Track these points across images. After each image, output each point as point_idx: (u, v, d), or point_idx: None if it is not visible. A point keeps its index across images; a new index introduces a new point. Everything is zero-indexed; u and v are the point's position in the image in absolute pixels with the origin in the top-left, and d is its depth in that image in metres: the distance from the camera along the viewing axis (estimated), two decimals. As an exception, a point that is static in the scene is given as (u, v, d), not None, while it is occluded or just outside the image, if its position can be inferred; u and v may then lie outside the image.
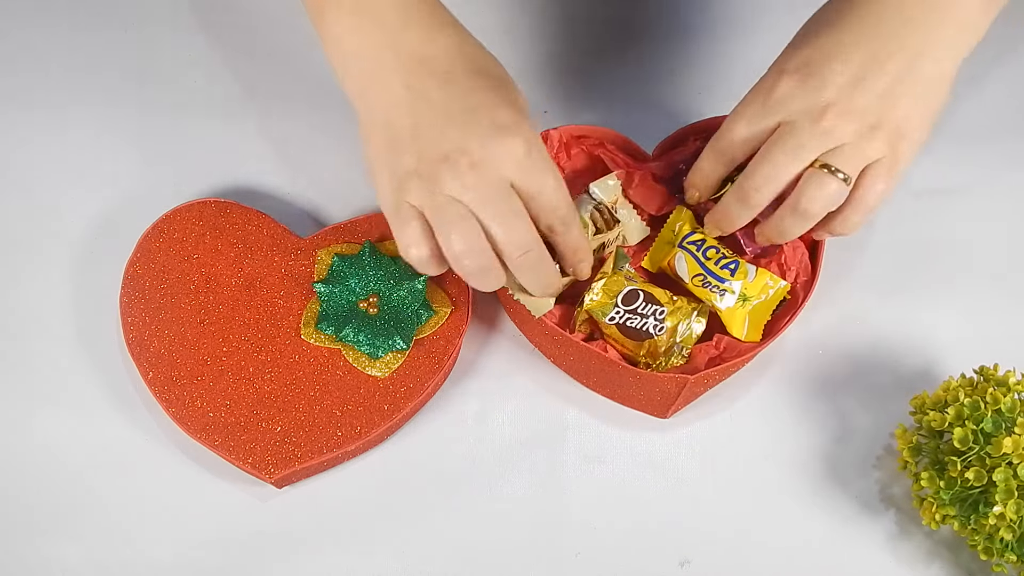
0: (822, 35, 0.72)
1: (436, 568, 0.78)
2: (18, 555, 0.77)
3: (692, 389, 0.78)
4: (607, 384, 0.81)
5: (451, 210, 0.67)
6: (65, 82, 0.92)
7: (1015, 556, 0.73)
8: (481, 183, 0.67)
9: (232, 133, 0.91)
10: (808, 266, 0.80)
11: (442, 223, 0.68)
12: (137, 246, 0.83)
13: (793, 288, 0.80)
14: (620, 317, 0.77)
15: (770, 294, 0.79)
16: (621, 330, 0.77)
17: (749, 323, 0.79)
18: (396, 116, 0.69)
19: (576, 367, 0.82)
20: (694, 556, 0.78)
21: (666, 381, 0.76)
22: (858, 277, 0.87)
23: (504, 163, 0.68)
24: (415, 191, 0.68)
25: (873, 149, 0.70)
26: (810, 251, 0.81)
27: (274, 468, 0.76)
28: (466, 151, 0.67)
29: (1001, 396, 0.73)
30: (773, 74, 0.73)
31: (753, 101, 0.73)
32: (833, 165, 0.70)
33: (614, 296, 0.78)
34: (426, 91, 0.69)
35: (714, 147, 0.75)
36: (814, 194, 0.71)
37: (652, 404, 0.80)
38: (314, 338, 0.80)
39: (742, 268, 0.79)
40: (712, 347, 0.78)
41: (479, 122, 0.68)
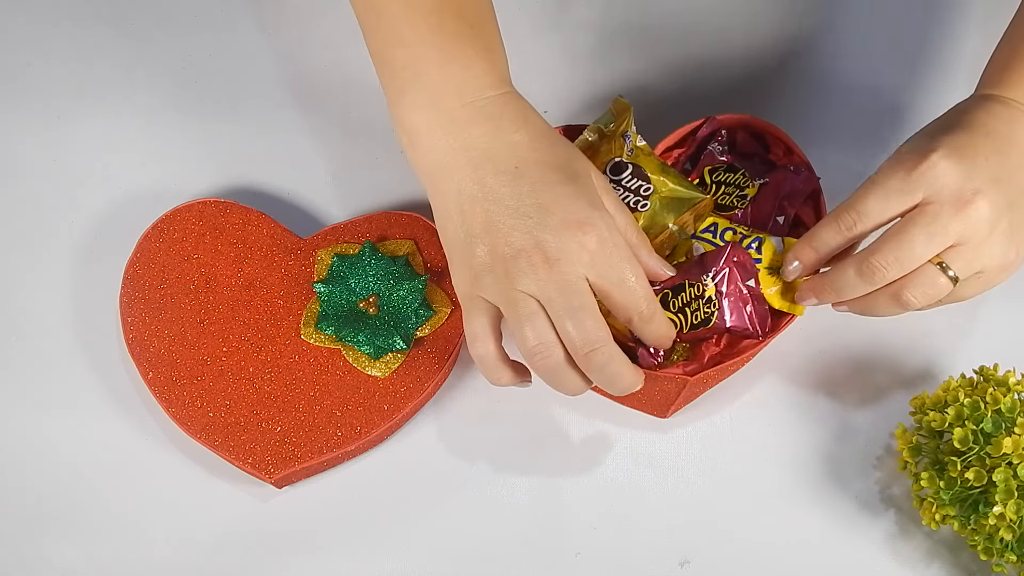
0: (977, 122, 0.71)
1: (436, 568, 0.78)
2: (18, 555, 0.77)
3: (692, 389, 0.78)
4: None
5: (525, 306, 0.68)
6: (65, 82, 0.92)
7: (1015, 556, 0.72)
8: (554, 278, 0.67)
9: (232, 133, 0.91)
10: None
11: (515, 318, 0.68)
12: (137, 246, 0.83)
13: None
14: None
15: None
16: None
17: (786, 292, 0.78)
18: (469, 209, 0.69)
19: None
20: (694, 556, 0.78)
21: (666, 380, 0.76)
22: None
23: (577, 259, 0.68)
24: (489, 286, 0.69)
25: (990, 257, 0.70)
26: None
27: (274, 468, 0.76)
28: (540, 247, 0.67)
29: (1001, 396, 0.73)
30: (918, 149, 0.70)
31: (893, 175, 0.70)
32: (946, 263, 0.70)
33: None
34: (496, 188, 0.69)
35: (839, 219, 0.72)
36: (925, 290, 0.70)
37: (652, 403, 0.80)
38: (314, 338, 0.80)
39: (767, 244, 0.78)
40: (713, 344, 0.78)
41: (551, 218, 0.68)
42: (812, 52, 0.95)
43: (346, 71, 0.93)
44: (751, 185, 0.81)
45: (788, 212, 0.81)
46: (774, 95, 0.93)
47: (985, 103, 0.73)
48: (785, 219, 0.81)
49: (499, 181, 0.69)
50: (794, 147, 0.83)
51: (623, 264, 0.69)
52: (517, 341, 0.69)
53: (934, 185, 0.69)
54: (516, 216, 0.68)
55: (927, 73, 0.94)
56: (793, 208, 0.81)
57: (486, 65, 0.72)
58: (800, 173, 0.81)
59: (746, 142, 0.85)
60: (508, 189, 0.69)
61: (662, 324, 0.72)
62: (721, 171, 0.82)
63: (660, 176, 0.78)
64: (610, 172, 0.78)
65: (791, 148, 0.83)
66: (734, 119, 0.85)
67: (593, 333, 0.68)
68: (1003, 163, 0.70)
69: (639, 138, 0.80)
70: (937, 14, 0.96)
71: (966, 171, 0.69)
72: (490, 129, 0.70)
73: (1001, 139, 0.70)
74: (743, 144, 0.85)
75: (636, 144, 0.80)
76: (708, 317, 0.75)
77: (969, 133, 0.70)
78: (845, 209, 0.72)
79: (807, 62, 0.95)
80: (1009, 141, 0.71)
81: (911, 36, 0.95)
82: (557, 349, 0.69)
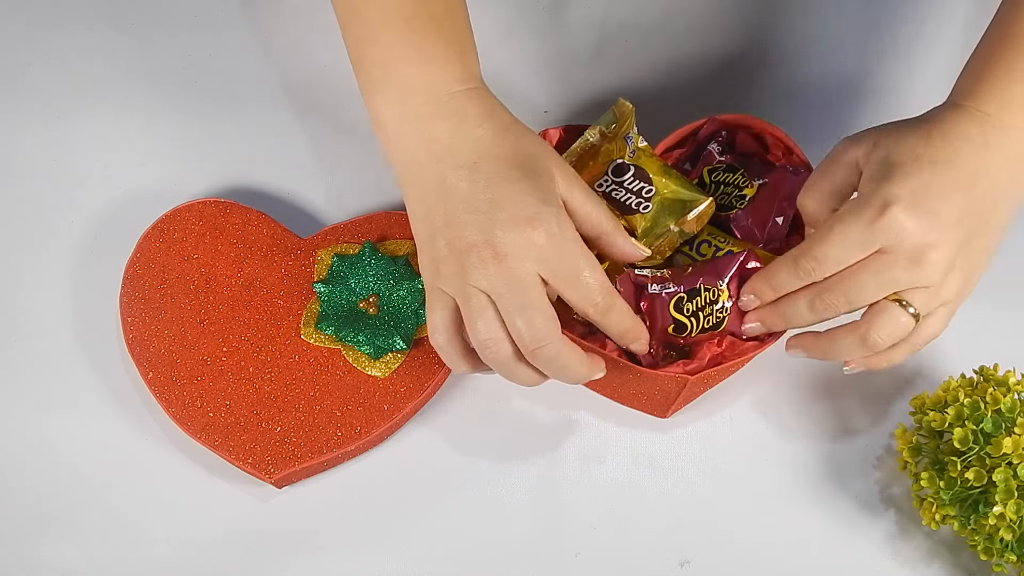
0: (935, 168, 0.70)
1: (436, 568, 0.77)
2: (18, 555, 0.77)
3: (692, 389, 0.78)
4: (607, 383, 0.81)
5: (476, 300, 0.69)
6: (65, 82, 0.92)
7: (1015, 556, 0.73)
8: (503, 274, 0.68)
9: (232, 133, 0.91)
10: None
11: (468, 312, 0.69)
12: (137, 246, 0.83)
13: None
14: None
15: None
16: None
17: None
18: (432, 203, 0.71)
19: None
20: (694, 556, 0.78)
21: (666, 380, 0.76)
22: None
23: (526, 254, 0.68)
24: (447, 278, 0.70)
25: (946, 293, 0.71)
26: None
27: (274, 468, 0.76)
28: (489, 242, 0.68)
29: (1001, 396, 0.74)
30: (879, 200, 0.69)
31: (854, 225, 0.69)
32: (906, 300, 0.70)
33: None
34: (455, 183, 0.70)
35: (797, 264, 0.72)
36: (887, 328, 0.70)
37: (652, 403, 0.80)
38: (314, 338, 0.80)
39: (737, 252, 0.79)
40: (715, 345, 0.78)
41: (501, 213, 0.68)
42: (813, 52, 0.95)
43: (346, 71, 0.93)
44: (750, 185, 0.81)
45: (787, 212, 0.81)
46: (774, 95, 0.93)
47: (958, 119, 0.72)
48: (784, 219, 0.81)
49: (457, 176, 0.70)
50: (794, 147, 0.83)
51: (574, 258, 0.70)
52: (470, 333, 0.70)
53: (893, 239, 0.69)
54: (470, 211, 0.69)
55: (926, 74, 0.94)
56: (792, 208, 0.81)
57: (454, 61, 0.73)
58: (799, 173, 0.81)
59: (746, 142, 0.85)
60: (465, 184, 0.69)
61: (623, 316, 0.73)
62: (720, 171, 0.82)
63: (662, 178, 0.78)
64: (612, 173, 0.78)
65: (791, 148, 0.83)
66: (734, 119, 0.85)
67: (541, 330, 0.69)
68: (966, 200, 0.70)
69: (641, 139, 0.80)
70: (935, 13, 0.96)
71: (925, 224, 0.68)
72: (454, 124, 0.71)
73: (967, 172, 0.70)
74: (743, 144, 0.85)
75: (638, 145, 0.80)
76: (720, 321, 0.75)
77: (933, 172, 0.69)
78: (803, 254, 0.71)
79: (807, 61, 0.95)
80: (975, 172, 0.70)
81: (911, 37, 0.95)
82: (505, 344, 0.69)
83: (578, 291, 0.70)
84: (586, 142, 0.79)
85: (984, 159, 0.70)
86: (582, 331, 0.78)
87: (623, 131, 0.79)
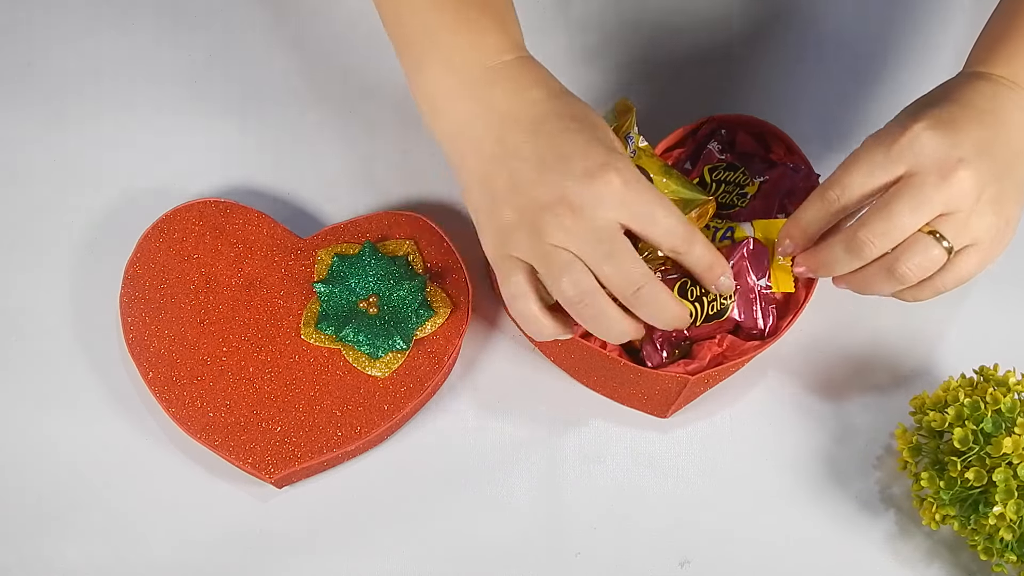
0: (961, 97, 0.71)
1: (436, 568, 0.78)
2: (18, 555, 0.77)
3: (693, 389, 0.78)
4: (607, 383, 0.81)
5: (558, 258, 0.67)
6: (65, 82, 0.92)
7: (1015, 556, 0.73)
8: (583, 227, 0.67)
9: (232, 133, 0.91)
10: None
11: (551, 272, 0.68)
12: (137, 246, 0.83)
13: (796, 287, 0.79)
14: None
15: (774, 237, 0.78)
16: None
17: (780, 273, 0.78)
18: (492, 170, 0.70)
19: (576, 365, 0.82)
20: (694, 556, 0.78)
21: (667, 380, 0.76)
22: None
23: (604, 203, 0.67)
24: (520, 243, 0.69)
25: (981, 227, 0.70)
26: None
27: (274, 468, 0.76)
28: (564, 198, 0.67)
29: (1001, 396, 0.73)
30: (900, 123, 0.70)
31: (876, 148, 0.70)
32: (940, 232, 0.69)
33: None
34: (517, 145, 0.69)
35: (823, 195, 0.71)
36: (917, 260, 0.69)
37: (652, 403, 0.80)
38: (314, 338, 0.80)
39: (739, 231, 0.78)
40: (716, 345, 0.78)
41: (572, 167, 0.68)
42: (812, 50, 0.95)
43: (347, 71, 0.93)
44: (751, 183, 0.81)
45: (789, 210, 0.81)
46: (773, 93, 0.93)
47: (971, 80, 0.73)
48: (785, 216, 0.81)
49: (519, 139, 0.69)
50: (794, 146, 0.83)
51: (651, 199, 0.68)
52: (556, 295, 0.69)
53: (918, 156, 0.68)
54: (538, 170, 0.68)
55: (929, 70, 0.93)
56: (793, 206, 0.81)
57: (501, 32, 0.73)
58: (800, 171, 0.81)
59: (746, 141, 0.85)
60: (529, 146, 0.69)
61: (706, 249, 0.71)
62: (721, 169, 0.82)
63: (663, 178, 0.78)
64: None
65: (791, 147, 0.83)
66: (734, 118, 0.85)
67: (634, 272, 0.68)
68: (987, 137, 0.69)
69: (641, 139, 0.80)
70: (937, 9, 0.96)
71: (949, 141, 0.68)
72: (510, 89, 0.71)
73: (986, 114, 0.70)
74: (743, 143, 0.85)
75: (639, 145, 0.80)
76: (724, 309, 0.75)
77: (953, 106, 0.70)
78: (829, 184, 0.71)
79: (807, 60, 0.95)
80: (994, 116, 0.70)
81: (912, 34, 0.95)
82: (600, 295, 0.68)
83: (660, 228, 0.69)
84: None
85: (1006, 113, 0.71)
86: (583, 331, 0.78)
87: (624, 130, 0.79)
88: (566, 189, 0.67)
